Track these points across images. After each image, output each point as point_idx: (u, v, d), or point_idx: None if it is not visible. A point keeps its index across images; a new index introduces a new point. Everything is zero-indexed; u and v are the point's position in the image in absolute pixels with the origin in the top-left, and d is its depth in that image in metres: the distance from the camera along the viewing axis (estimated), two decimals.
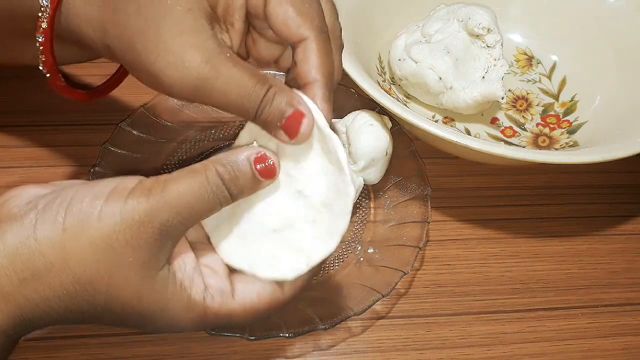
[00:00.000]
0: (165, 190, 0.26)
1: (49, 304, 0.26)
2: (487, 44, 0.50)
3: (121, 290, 0.26)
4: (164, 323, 0.28)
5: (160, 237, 0.26)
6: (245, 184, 0.28)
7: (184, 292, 0.27)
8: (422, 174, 0.45)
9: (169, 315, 0.27)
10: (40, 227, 0.26)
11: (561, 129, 0.54)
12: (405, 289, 0.44)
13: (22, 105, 0.51)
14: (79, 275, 0.26)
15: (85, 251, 0.25)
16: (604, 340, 0.43)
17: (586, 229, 0.49)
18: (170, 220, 0.26)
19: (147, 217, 0.26)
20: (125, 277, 0.26)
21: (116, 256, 0.26)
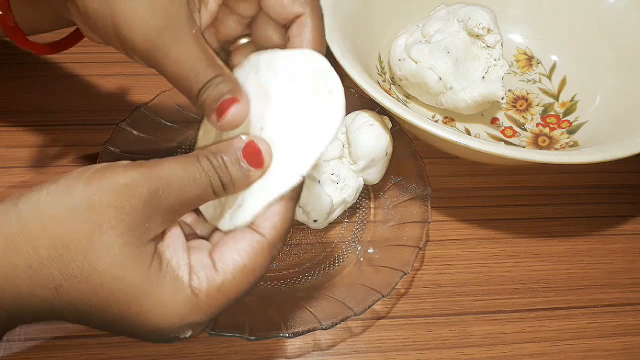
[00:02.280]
0: (157, 164, 0.26)
1: (17, 274, 0.24)
2: (487, 44, 0.50)
3: (100, 256, 0.24)
4: (149, 305, 0.25)
5: (147, 204, 0.25)
6: (235, 174, 0.27)
7: (171, 272, 0.26)
8: (422, 174, 0.45)
9: (154, 297, 0.25)
10: (24, 196, 0.25)
11: (561, 129, 0.54)
12: (405, 289, 0.44)
13: (22, 105, 0.51)
14: (55, 237, 0.24)
15: (64, 212, 0.24)
16: (604, 340, 0.43)
17: (586, 229, 0.49)
18: (159, 190, 0.25)
19: (134, 182, 0.24)
20: (106, 241, 0.24)
21: (97, 217, 0.24)
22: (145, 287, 0.25)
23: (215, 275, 0.26)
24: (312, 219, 0.43)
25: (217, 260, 0.27)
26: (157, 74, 0.29)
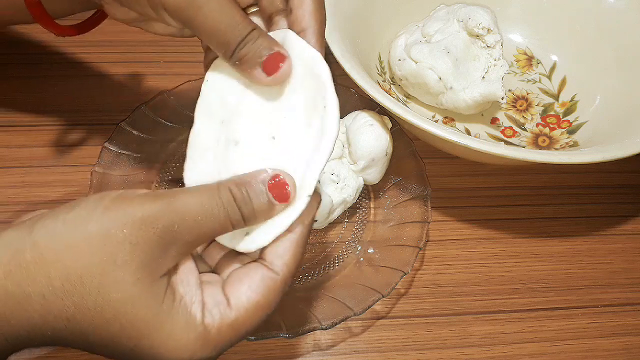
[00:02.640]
0: (174, 197, 0.25)
1: (30, 303, 0.23)
2: (487, 44, 0.50)
3: (113, 291, 0.24)
4: (161, 341, 0.25)
5: (162, 240, 0.25)
6: (259, 207, 0.27)
7: (184, 308, 0.25)
8: (422, 174, 0.45)
9: (166, 333, 0.25)
10: (40, 221, 0.24)
11: (561, 129, 0.54)
12: (405, 289, 0.44)
13: (23, 105, 0.51)
14: (69, 269, 0.23)
15: (80, 243, 0.24)
16: (604, 340, 0.43)
17: (586, 229, 0.49)
18: (175, 225, 0.25)
19: (150, 216, 0.24)
20: (120, 277, 0.24)
21: (112, 251, 0.24)
22: (158, 323, 0.25)
23: (229, 312, 0.26)
24: None
25: (230, 296, 0.27)
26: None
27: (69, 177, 0.47)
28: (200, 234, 0.26)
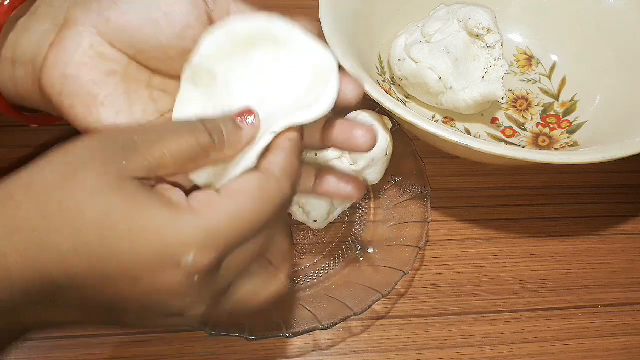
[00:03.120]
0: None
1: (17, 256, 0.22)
2: (487, 44, 0.50)
3: (77, 193, 0.23)
4: (141, 226, 0.22)
5: (123, 147, 0.24)
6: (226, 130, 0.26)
7: (160, 194, 0.24)
8: (422, 174, 0.45)
9: (142, 222, 0.22)
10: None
11: (561, 129, 0.54)
12: (405, 289, 0.44)
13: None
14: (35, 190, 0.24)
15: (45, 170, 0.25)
16: (604, 340, 0.43)
17: (586, 229, 0.49)
18: (135, 136, 0.25)
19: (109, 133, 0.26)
20: (81, 177, 0.23)
21: (71, 159, 0.24)
22: (136, 210, 0.23)
23: (218, 197, 0.24)
24: (312, 219, 0.43)
25: (220, 190, 0.25)
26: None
27: None
28: (165, 150, 0.25)
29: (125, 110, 0.30)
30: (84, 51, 0.29)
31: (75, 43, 0.29)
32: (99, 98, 0.29)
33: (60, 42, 0.29)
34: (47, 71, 0.29)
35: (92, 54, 0.29)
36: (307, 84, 0.29)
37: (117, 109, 0.29)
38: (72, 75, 0.29)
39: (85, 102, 0.29)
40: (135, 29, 0.29)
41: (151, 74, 0.31)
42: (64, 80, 0.29)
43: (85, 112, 0.29)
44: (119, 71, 0.30)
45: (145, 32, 0.29)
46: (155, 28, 0.29)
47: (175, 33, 0.29)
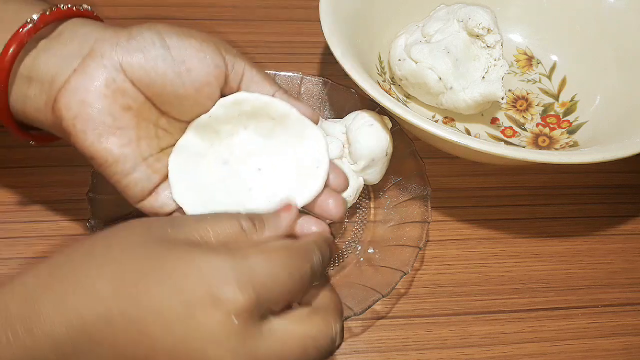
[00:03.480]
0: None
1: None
2: (487, 44, 0.50)
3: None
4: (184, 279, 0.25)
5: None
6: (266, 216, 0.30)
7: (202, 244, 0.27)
8: (422, 174, 0.45)
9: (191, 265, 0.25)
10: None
11: (561, 129, 0.54)
12: (405, 289, 0.44)
13: None
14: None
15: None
16: (604, 340, 0.43)
17: (586, 229, 0.49)
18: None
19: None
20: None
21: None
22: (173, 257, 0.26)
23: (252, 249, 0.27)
24: None
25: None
26: None
27: (69, 177, 0.47)
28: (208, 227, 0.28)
29: (133, 143, 0.31)
30: (107, 83, 0.30)
31: (99, 73, 0.30)
32: (111, 128, 0.31)
33: (84, 69, 0.30)
34: (66, 94, 0.30)
35: (114, 87, 0.30)
36: (299, 159, 0.34)
37: (126, 140, 0.31)
38: (90, 102, 0.30)
39: (97, 130, 0.30)
40: (158, 76, 0.31)
41: (160, 115, 0.33)
42: (81, 105, 0.30)
43: (94, 139, 0.30)
44: (134, 107, 0.31)
45: (167, 81, 0.31)
46: (177, 79, 0.31)
47: (194, 87, 0.32)
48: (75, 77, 0.30)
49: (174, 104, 0.32)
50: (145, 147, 0.32)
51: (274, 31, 0.59)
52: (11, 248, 0.43)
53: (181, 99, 0.32)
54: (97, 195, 0.41)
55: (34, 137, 0.36)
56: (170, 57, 0.31)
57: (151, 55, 0.30)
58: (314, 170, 0.33)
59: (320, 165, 0.34)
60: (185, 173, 0.33)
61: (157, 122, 0.33)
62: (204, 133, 0.34)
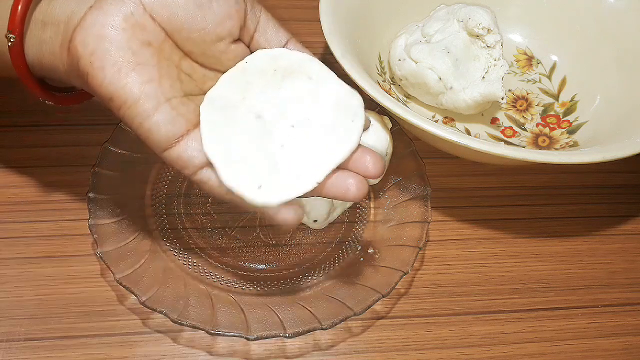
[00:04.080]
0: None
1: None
2: (487, 44, 0.50)
3: None
4: None
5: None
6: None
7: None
8: (422, 174, 0.45)
9: None
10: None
11: (561, 129, 0.54)
12: (405, 289, 0.44)
13: (22, 105, 0.51)
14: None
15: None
16: (604, 340, 0.43)
17: (586, 229, 0.49)
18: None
19: None
20: None
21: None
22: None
23: None
24: (312, 219, 0.43)
25: None
26: None
27: (69, 177, 0.47)
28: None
29: (154, 81, 0.30)
30: (125, 17, 0.29)
31: (117, 8, 0.29)
32: (130, 64, 0.29)
33: (101, 5, 0.29)
34: (82, 31, 0.29)
35: (133, 21, 0.29)
36: (334, 116, 0.32)
37: (147, 78, 0.29)
38: (108, 37, 0.29)
39: (116, 65, 0.29)
40: (179, 8, 0.30)
41: (182, 57, 0.32)
42: (99, 40, 0.29)
43: (114, 75, 0.29)
44: (154, 44, 0.30)
45: (188, 13, 0.30)
46: (198, 11, 0.30)
47: (215, 20, 0.31)
48: (92, 13, 0.29)
49: (196, 42, 0.31)
50: (167, 87, 0.30)
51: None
52: (11, 248, 0.43)
53: (202, 35, 0.31)
54: (97, 195, 0.41)
55: (52, 97, 0.36)
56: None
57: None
58: (349, 124, 0.32)
59: (356, 119, 0.32)
60: (217, 125, 0.31)
61: (180, 65, 0.31)
62: (237, 84, 0.33)
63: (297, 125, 0.32)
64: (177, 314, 0.37)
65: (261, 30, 0.33)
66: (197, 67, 0.32)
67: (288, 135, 0.31)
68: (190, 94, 0.32)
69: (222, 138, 0.31)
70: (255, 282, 0.43)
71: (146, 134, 0.30)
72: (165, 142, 0.30)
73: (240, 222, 0.46)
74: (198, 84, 0.32)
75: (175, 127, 0.30)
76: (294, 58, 0.33)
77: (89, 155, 0.45)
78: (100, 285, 0.42)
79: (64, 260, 0.43)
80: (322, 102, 0.32)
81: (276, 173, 0.30)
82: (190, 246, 0.44)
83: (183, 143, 0.30)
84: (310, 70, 0.33)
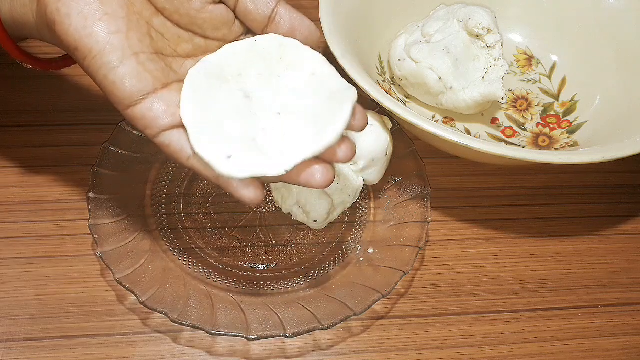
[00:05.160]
0: None
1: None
2: (487, 44, 0.50)
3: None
4: None
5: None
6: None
7: None
8: (422, 174, 0.45)
9: None
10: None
11: (561, 129, 0.54)
12: (405, 289, 0.44)
13: (22, 105, 0.51)
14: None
15: None
16: (604, 340, 0.43)
17: (586, 229, 0.49)
18: None
19: None
20: None
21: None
22: None
23: None
24: (312, 219, 0.43)
25: None
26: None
27: (69, 177, 0.47)
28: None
29: (122, 32, 0.29)
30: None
31: None
32: (97, 13, 0.28)
33: None
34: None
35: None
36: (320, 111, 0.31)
37: (114, 29, 0.29)
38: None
39: (82, 13, 0.28)
40: None
41: (154, 13, 0.31)
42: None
43: (79, 23, 0.28)
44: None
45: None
46: None
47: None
48: None
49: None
50: (135, 40, 0.29)
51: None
52: (11, 248, 0.43)
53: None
54: (97, 195, 0.41)
55: (26, 56, 0.35)
56: None
57: None
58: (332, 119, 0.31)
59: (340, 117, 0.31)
60: (200, 90, 0.31)
61: (151, 20, 0.31)
62: (237, 59, 0.32)
63: (283, 113, 0.31)
64: (177, 314, 0.37)
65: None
66: (170, 25, 0.31)
67: (271, 121, 0.31)
68: (161, 53, 0.31)
69: (201, 104, 0.30)
70: (255, 282, 0.43)
71: (110, 88, 0.29)
72: (129, 98, 0.29)
73: (240, 222, 0.46)
74: (171, 44, 0.31)
75: (141, 83, 0.29)
76: (305, 54, 0.32)
77: (89, 155, 0.45)
78: (100, 285, 0.42)
79: (63, 260, 0.43)
80: (315, 96, 0.32)
81: (249, 150, 0.30)
82: (190, 246, 0.44)
83: (148, 102, 0.29)
84: (315, 67, 0.32)
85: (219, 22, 0.32)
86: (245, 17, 0.32)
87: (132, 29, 0.29)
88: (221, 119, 0.30)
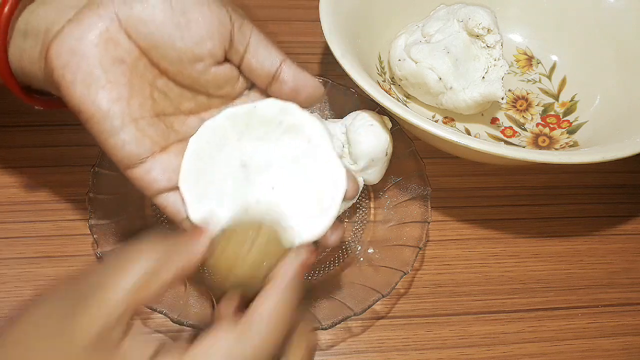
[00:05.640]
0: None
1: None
2: (487, 44, 0.50)
3: None
4: None
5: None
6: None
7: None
8: (422, 174, 0.45)
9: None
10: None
11: (561, 129, 0.54)
12: (405, 289, 0.44)
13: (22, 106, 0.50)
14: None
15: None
16: (604, 340, 0.43)
17: (586, 229, 0.49)
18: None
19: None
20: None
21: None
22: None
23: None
24: None
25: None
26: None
27: (69, 177, 0.47)
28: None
29: (123, 99, 0.30)
30: (99, 32, 0.29)
31: (92, 22, 0.29)
32: (100, 80, 0.29)
33: (79, 18, 0.29)
34: (58, 42, 0.29)
35: (107, 37, 0.29)
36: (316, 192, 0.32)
37: (116, 96, 0.30)
38: (80, 51, 0.29)
39: (86, 81, 0.29)
40: (156, 26, 0.30)
41: (157, 75, 0.31)
42: (71, 54, 0.29)
43: (83, 91, 0.29)
44: (127, 61, 0.30)
45: (165, 31, 0.30)
46: (175, 30, 0.30)
47: (193, 41, 0.30)
48: (69, 25, 0.29)
49: (172, 60, 0.31)
50: (136, 106, 0.30)
51: (274, 31, 0.59)
52: (11, 248, 0.43)
53: (179, 53, 0.30)
54: (97, 195, 0.41)
55: (36, 100, 0.36)
56: (170, 8, 0.30)
57: (150, 3, 0.29)
58: (325, 208, 0.32)
59: (331, 207, 0.32)
60: (200, 161, 0.32)
61: (154, 82, 0.31)
62: (238, 124, 0.32)
63: (278, 188, 0.32)
64: (177, 314, 0.37)
65: (252, 52, 0.32)
66: (173, 85, 0.32)
67: (265, 195, 0.32)
68: (162, 113, 0.32)
69: (199, 175, 0.32)
70: None
71: (111, 150, 0.30)
72: (128, 161, 0.31)
73: None
74: (174, 102, 0.32)
75: (139, 148, 0.30)
76: (302, 118, 0.33)
77: (89, 155, 0.45)
78: None
79: (63, 260, 0.43)
80: (310, 173, 0.32)
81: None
82: None
83: (147, 165, 0.31)
84: (312, 133, 0.33)
85: (223, 81, 0.33)
86: (250, 74, 0.33)
87: (134, 95, 0.30)
88: (217, 188, 0.32)
